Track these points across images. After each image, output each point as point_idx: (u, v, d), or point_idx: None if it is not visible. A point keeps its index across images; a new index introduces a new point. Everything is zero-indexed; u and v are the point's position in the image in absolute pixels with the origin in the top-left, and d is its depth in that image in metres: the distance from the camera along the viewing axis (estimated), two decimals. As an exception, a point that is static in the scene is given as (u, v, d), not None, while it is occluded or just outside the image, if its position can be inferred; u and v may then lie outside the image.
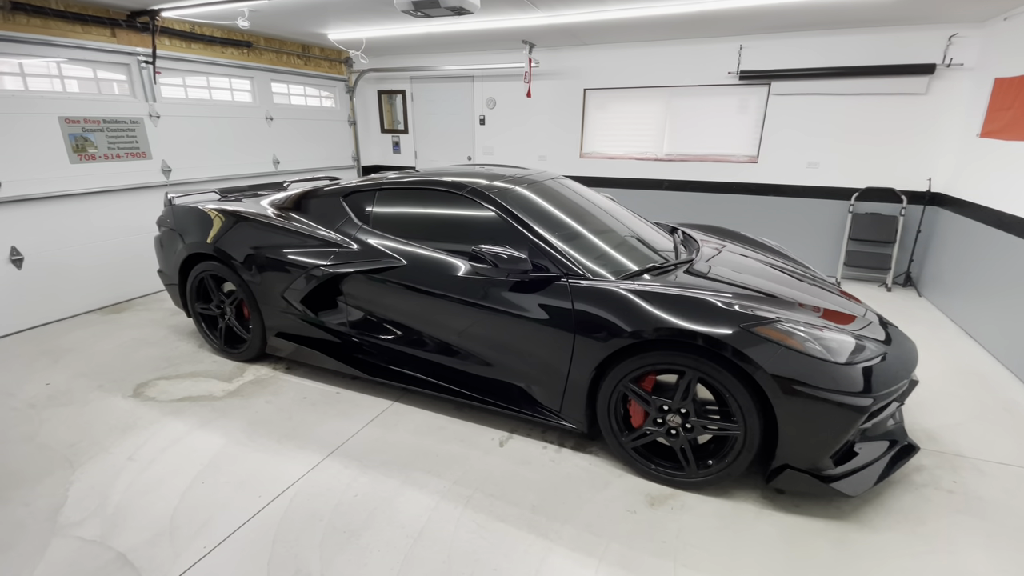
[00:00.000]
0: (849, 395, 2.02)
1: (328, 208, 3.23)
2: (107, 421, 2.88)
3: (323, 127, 6.74)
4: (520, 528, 2.13)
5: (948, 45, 4.62)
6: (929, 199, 5.02)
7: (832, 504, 2.28)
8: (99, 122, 4.33)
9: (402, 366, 2.95)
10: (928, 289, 5.02)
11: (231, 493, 2.32)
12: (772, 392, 2.04)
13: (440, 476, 2.44)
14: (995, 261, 3.90)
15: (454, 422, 2.88)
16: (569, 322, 2.38)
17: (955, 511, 2.27)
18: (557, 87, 6.24)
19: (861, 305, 2.72)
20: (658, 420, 2.33)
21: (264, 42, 5.75)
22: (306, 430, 2.80)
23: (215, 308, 3.54)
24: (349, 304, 3.02)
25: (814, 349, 2.08)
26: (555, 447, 2.67)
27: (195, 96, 5.19)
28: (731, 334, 2.07)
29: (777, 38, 5.19)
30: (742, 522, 2.19)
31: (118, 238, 4.65)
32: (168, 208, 3.65)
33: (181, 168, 5.02)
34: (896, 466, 2.29)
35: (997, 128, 4.10)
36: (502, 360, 2.66)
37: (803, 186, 5.52)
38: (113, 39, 4.39)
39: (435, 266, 2.76)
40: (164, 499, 2.29)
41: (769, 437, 2.18)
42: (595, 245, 2.79)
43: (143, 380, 3.33)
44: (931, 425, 2.89)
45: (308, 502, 2.27)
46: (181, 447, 2.66)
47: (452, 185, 2.90)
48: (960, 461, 2.60)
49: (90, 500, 2.28)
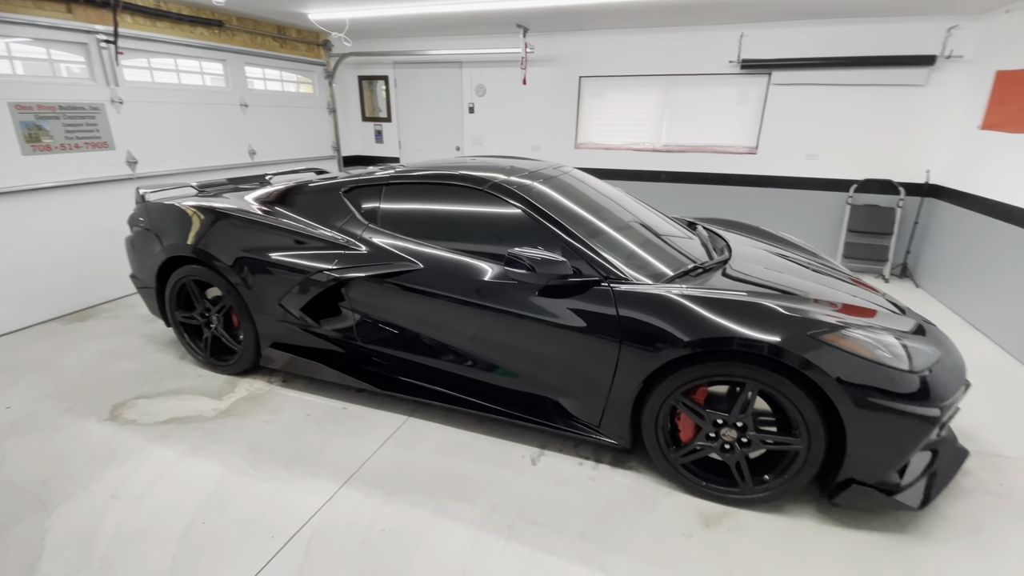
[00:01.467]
0: (919, 404, 1.90)
1: (327, 205, 2.92)
2: (83, 451, 2.53)
3: (301, 115, 6.31)
4: (572, 561, 1.94)
5: (947, 37, 4.60)
6: (927, 191, 5.04)
7: (890, 516, 2.18)
8: (54, 108, 3.86)
9: (418, 378, 2.70)
10: (925, 280, 5.06)
11: (239, 534, 2.04)
12: (842, 404, 1.89)
13: (473, 503, 2.22)
14: (999, 252, 3.91)
15: (478, 438, 2.66)
16: (614, 330, 2.18)
17: (1009, 516, 2.20)
18: (551, 74, 6.00)
19: (881, 296, 2.62)
20: (710, 435, 2.17)
21: (237, 22, 5.29)
22: (315, 453, 2.53)
23: (199, 317, 3.19)
24: (357, 311, 2.74)
25: (883, 356, 1.94)
26: (592, 463, 2.49)
27: (162, 80, 4.72)
28: (799, 342, 1.91)
29: (779, 27, 5.08)
30: (803, 540, 2.06)
31: (79, 238, 4.19)
32: (141, 205, 3.26)
33: (148, 160, 4.56)
34: (952, 473, 2.20)
35: (1000, 120, 4.10)
36: (533, 371, 2.44)
37: (802, 178, 5.47)
38: (69, 15, 3.90)
39: (455, 269, 2.51)
40: (160, 546, 1.99)
41: (831, 450, 2.05)
42: (627, 245, 2.59)
43: (120, 400, 2.97)
44: (962, 423, 2.83)
45: (330, 541, 2.01)
46: (173, 480, 2.34)
47: (471, 180, 2.64)
48: (1001, 462, 2.54)
49: (71, 551, 1.96)
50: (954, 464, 2.24)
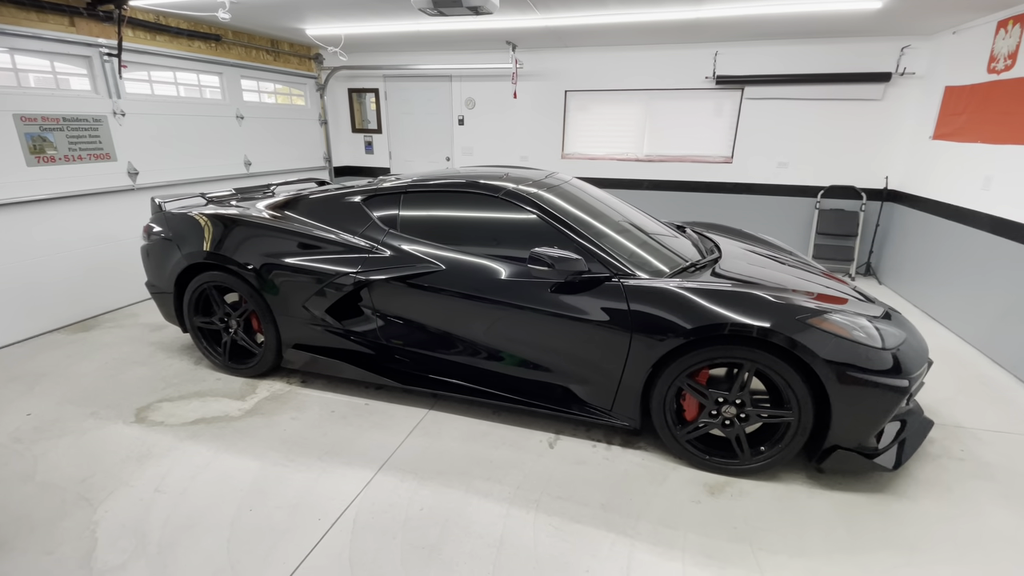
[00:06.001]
0: (891, 376, 2.19)
1: (344, 212, 3.09)
2: (115, 451, 2.62)
3: (294, 126, 6.42)
4: (598, 527, 2.15)
5: (901, 56, 5.08)
6: (886, 195, 5.50)
7: (869, 478, 2.47)
8: (59, 120, 3.91)
9: (440, 373, 2.89)
10: (887, 277, 5.50)
11: (287, 518, 2.18)
12: (827, 379, 2.17)
13: (501, 482, 2.41)
14: (950, 249, 4.35)
15: (497, 427, 2.86)
16: (626, 322, 2.42)
17: (971, 477, 2.52)
18: (538, 88, 6.28)
19: (848, 287, 2.94)
20: (712, 412, 2.43)
21: (232, 35, 5.40)
22: (346, 445, 2.68)
23: (218, 322, 3.30)
24: (379, 311, 2.91)
25: (859, 336, 2.24)
26: (604, 445, 2.71)
27: (162, 92, 4.80)
28: (789, 326, 2.19)
29: (750, 46, 5.49)
30: (798, 502, 2.32)
31: (81, 248, 4.22)
32: (159, 214, 3.36)
33: (149, 171, 4.62)
34: (919, 440, 2.51)
35: (950, 131, 4.56)
36: (549, 361, 2.66)
37: (774, 184, 5.88)
38: (72, 29, 3.97)
39: (475, 270, 2.72)
40: (213, 531, 2.12)
41: (818, 421, 2.33)
42: (628, 245, 2.84)
43: (143, 404, 3.05)
44: (926, 400, 3.17)
45: (374, 520, 2.17)
46: (212, 473, 2.46)
47: (486, 188, 2.86)
48: (962, 432, 2.88)
49: (126, 540, 2.07)
50: (921, 432, 2.56)
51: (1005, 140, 3.80)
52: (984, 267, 3.89)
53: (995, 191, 3.85)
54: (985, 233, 3.90)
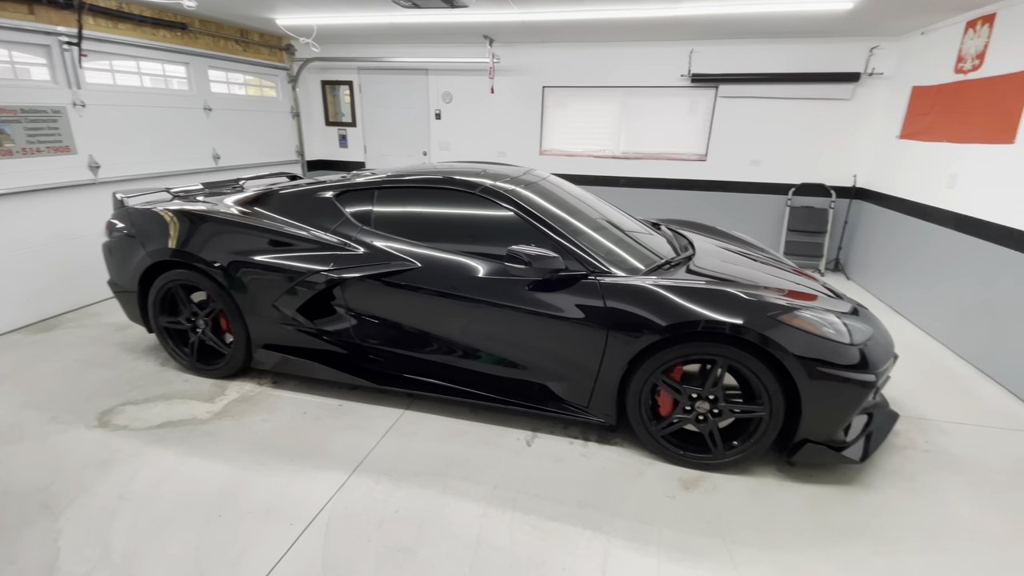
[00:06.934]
0: (859, 371, 2.25)
1: (316, 209, 3.02)
2: (77, 457, 2.52)
3: (265, 119, 6.26)
4: (574, 525, 2.16)
5: (870, 56, 5.20)
6: (854, 193, 5.63)
7: (837, 471, 2.53)
8: (16, 112, 3.72)
9: (416, 372, 2.85)
10: (855, 273, 5.65)
11: (258, 523, 2.13)
12: (798, 374, 2.21)
13: (478, 482, 2.40)
14: (917, 246, 4.48)
15: (474, 425, 2.84)
16: (602, 319, 2.42)
17: (935, 467, 2.60)
18: (516, 83, 6.25)
19: (818, 283, 3.00)
20: (686, 408, 2.45)
21: (200, 24, 5.22)
22: (319, 447, 2.62)
23: (185, 321, 3.20)
24: (353, 310, 2.85)
25: (828, 332, 2.28)
26: (581, 442, 2.72)
27: (124, 83, 4.61)
28: (761, 323, 2.22)
29: (724, 44, 5.55)
30: (769, 495, 2.37)
31: (40, 245, 4.03)
32: (121, 210, 3.23)
33: (111, 164, 4.44)
34: (886, 432, 2.58)
35: (916, 131, 4.69)
36: (526, 359, 2.65)
37: (747, 182, 5.97)
38: (31, 17, 3.77)
39: (451, 268, 2.69)
40: (180, 538, 2.05)
41: (788, 415, 2.37)
42: (605, 243, 2.85)
43: (106, 407, 2.94)
44: (892, 393, 3.26)
45: (348, 524, 2.14)
46: (179, 479, 2.39)
47: (463, 184, 2.82)
48: (926, 424, 2.97)
49: (90, 549, 1.99)
50: (887, 425, 2.63)
51: (970, 139, 3.91)
52: (948, 263, 4.02)
53: (959, 189, 3.97)
54: (949, 230, 4.02)
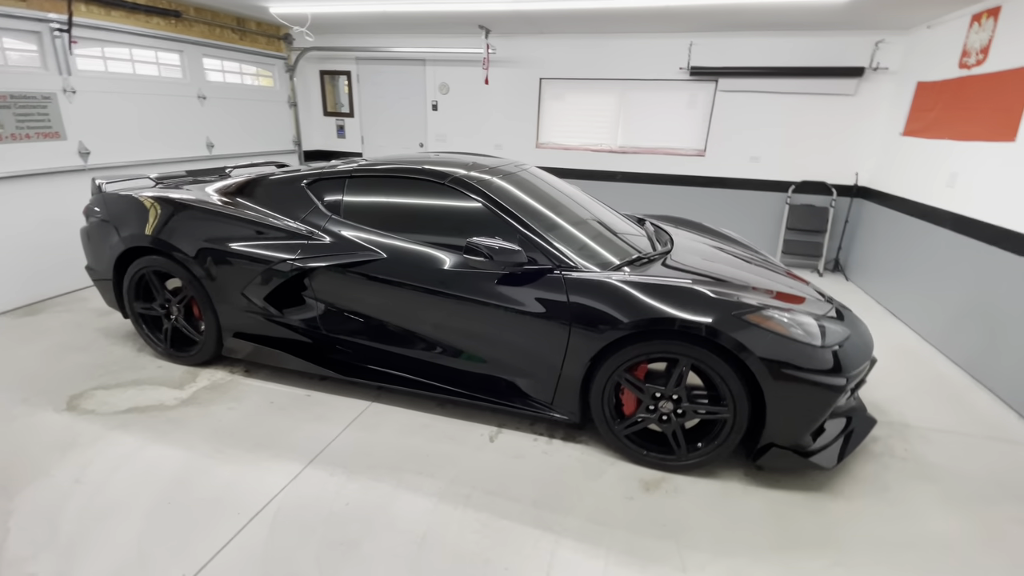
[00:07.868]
0: (828, 375, 2.16)
1: (289, 196, 3.00)
2: (41, 440, 2.53)
3: (261, 108, 6.26)
4: (525, 524, 2.11)
5: (875, 50, 5.03)
6: (856, 192, 5.47)
7: (808, 476, 2.44)
8: (5, 97, 3.75)
9: (381, 364, 2.82)
10: (854, 274, 5.49)
11: (205, 512, 2.12)
12: (762, 376, 2.13)
13: (434, 476, 2.36)
14: (915, 247, 4.33)
15: (439, 420, 2.80)
16: (565, 314, 2.36)
17: (911, 477, 2.50)
18: (513, 75, 6.17)
19: (809, 286, 2.90)
20: (650, 407, 2.39)
21: (194, 12, 5.22)
22: (280, 437, 2.61)
23: (159, 308, 3.20)
24: (320, 300, 2.83)
25: (797, 334, 2.19)
26: (546, 439, 2.67)
27: (116, 70, 4.63)
28: (725, 322, 2.14)
29: (725, 37, 5.41)
30: (731, 500, 2.29)
31: (29, 231, 4.08)
32: (98, 196, 3.24)
33: (102, 151, 4.47)
34: (860, 438, 2.49)
35: (919, 128, 4.53)
36: (492, 354, 2.60)
37: (746, 179, 5.83)
38: (22, 3, 3.80)
39: (418, 259, 2.65)
40: (127, 524, 2.05)
41: (754, 418, 2.29)
42: (579, 237, 2.78)
43: (77, 391, 2.96)
44: (877, 398, 3.16)
45: (296, 515, 2.12)
46: (136, 465, 2.39)
47: (433, 174, 2.77)
48: (907, 431, 2.86)
49: (38, 530, 2.00)
50: (863, 430, 2.53)
51: (971, 136, 3.76)
52: (945, 265, 3.88)
53: (959, 188, 3.82)
54: (947, 231, 3.88)
